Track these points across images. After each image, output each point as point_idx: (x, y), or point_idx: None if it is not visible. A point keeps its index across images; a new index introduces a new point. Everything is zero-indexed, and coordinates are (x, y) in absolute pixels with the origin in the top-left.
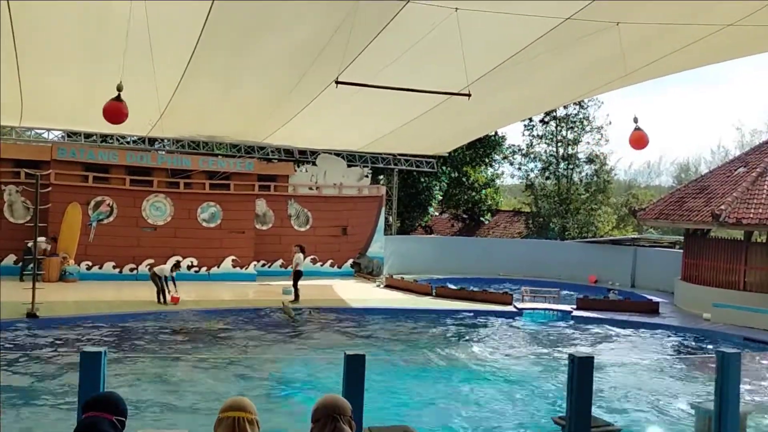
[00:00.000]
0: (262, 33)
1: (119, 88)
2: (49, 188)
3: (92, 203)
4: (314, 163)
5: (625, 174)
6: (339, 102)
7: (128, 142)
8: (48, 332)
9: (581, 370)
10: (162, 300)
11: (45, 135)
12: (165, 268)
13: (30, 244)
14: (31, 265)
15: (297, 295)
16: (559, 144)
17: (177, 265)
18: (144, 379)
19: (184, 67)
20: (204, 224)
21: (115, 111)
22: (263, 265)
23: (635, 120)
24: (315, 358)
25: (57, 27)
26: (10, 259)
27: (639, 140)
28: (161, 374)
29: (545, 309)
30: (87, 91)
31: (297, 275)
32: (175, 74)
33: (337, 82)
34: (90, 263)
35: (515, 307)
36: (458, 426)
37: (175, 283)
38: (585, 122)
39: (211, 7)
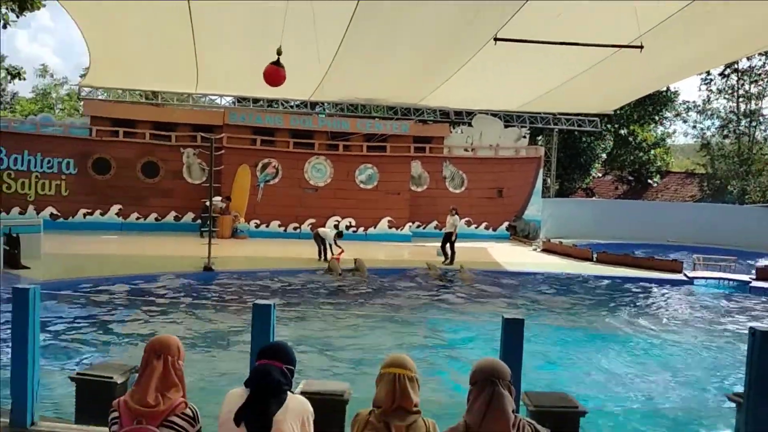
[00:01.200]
0: None
1: (279, 52)
2: (222, 151)
3: (260, 165)
4: (470, 124)
5: None
6: (497, 60)
7: (291, 107)
8: (223, 284)
9: (764, 345)
10: (323, 258)
11: (218, 101)
12: (329, 234)
13: (207, 203)
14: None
15: (452, 256)
16: (741, 99)
17: (340, 234)
18: (308, 330)
19: (344, 32)
20: (361, 185)
21: (274, 74)
22: (418, 227)
23: None
24: (473, 321)
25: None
26: (188, 216)
27: None
28: (323, 327)
29: (720, 278)
30: (254, 59)
31: (447, 237)
32: (335, 39)
33: (496, 39)
34: (258, 222)
35: (686, 275)
36: (620, 396)
37: (338, 246)
38: None
39: None
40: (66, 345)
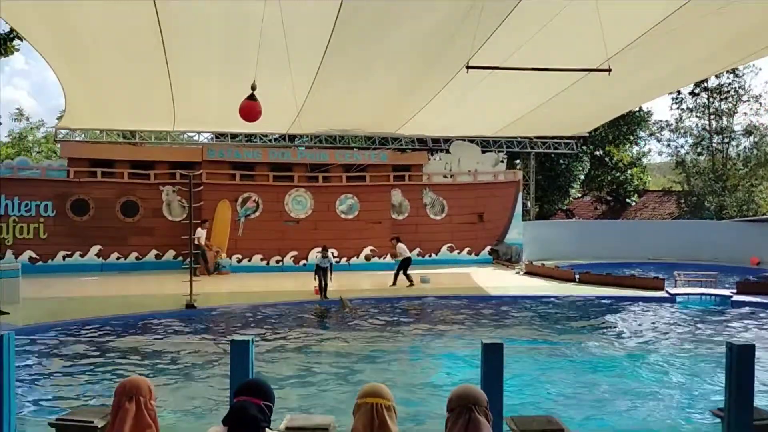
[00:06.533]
0: (391, 24)
1: (253, 87)
2: (201, 187)
3: (240, 199)
4: (448, 151)
5: None
6: (471, 87)
7: (270, 141)
8: (204, 321)
9: (741, 359)
10: (323, 293)
11: (196, 138)
12: (322, 258)
13: (199, 241)
14: (195, 258)
15: (411, 280)
16: (712, 116)
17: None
18: (288, 364)
19: (318, 64)
20: (342, 216)
21: (250, 109)
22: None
23: None
24: (452, 347)
25: (201, 36)
26: (170, 254)
27: None
28: (304, 360)
29: (701, 294)
30: (230, 94)
31: (405, 263)
32: (309, 72)
33: (468, 67)
34: (240, 256)
35: (667, 292)
36: (607, 418)
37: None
38: (740, 91)
39: (341, 4)
40: (44, 391)
